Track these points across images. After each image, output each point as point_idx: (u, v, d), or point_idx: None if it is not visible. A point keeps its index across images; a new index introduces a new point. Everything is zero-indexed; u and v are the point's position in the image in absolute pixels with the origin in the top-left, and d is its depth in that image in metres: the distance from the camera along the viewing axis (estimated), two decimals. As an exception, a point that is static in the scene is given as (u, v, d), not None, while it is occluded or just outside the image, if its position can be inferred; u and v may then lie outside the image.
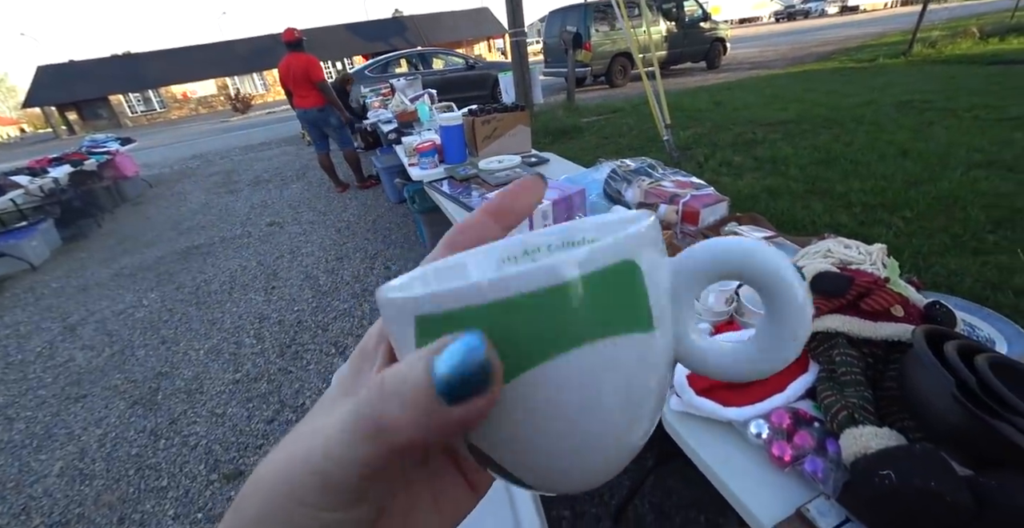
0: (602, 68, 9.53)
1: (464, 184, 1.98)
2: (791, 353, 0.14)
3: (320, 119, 4.34)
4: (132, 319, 2.84)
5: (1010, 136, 3.51)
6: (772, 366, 0.14)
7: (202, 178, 6.49)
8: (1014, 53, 7.00)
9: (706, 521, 1.22)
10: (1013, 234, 2.26)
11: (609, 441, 0.14)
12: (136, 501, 1.60)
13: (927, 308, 0.78)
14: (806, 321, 0.14)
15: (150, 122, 24.38)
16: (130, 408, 2.06)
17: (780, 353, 0.14)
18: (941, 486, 0.50)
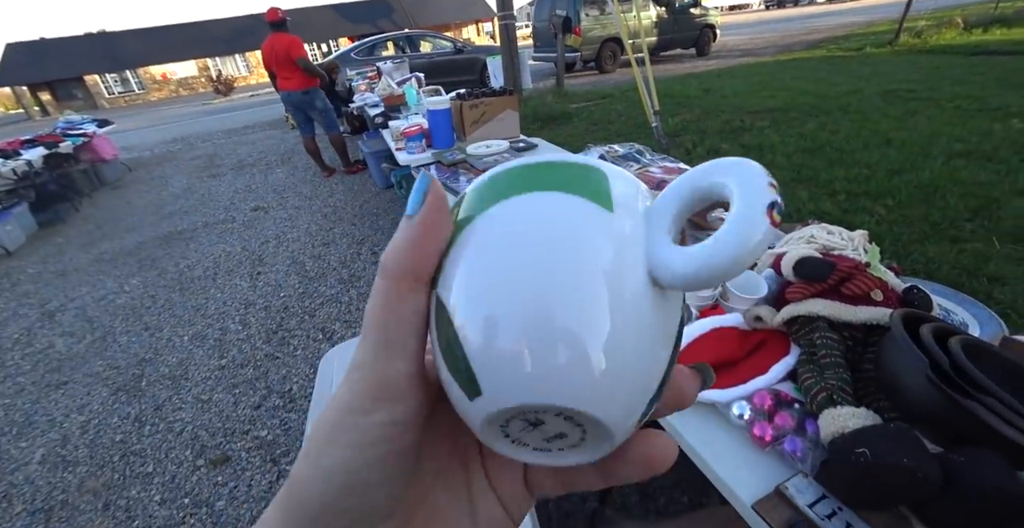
0: (592, 53, 9.44)
1: (452, 169, 1.97)
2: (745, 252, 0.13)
3: (305, 102, 4.25)
4: (113, 305, 2.80)
5: (990, 127, 3.57)
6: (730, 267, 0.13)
7: (184, 162, 6.34)
8: (996, 44, 7.09)
9: (689, 501, 1.25)
10: (989, 223, 2.32)
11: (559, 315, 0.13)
12: (121, 487, 1.59)
13: (905, 293, 0.80)
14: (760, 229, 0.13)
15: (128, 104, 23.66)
16: (113, 395, 2.04)
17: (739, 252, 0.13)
18: (913, 462, 0.52)
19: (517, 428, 0.15)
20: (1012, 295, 1.82)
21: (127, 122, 11.54)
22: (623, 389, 0.14)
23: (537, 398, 0.13)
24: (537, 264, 0.14)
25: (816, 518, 0.57)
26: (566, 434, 0.15)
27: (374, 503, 0.15)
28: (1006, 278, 1.91)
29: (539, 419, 0.15)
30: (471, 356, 0.14)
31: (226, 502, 1.49)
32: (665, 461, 0.17)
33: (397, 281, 0.15)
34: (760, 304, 0.87)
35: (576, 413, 0.14)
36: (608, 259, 0.14)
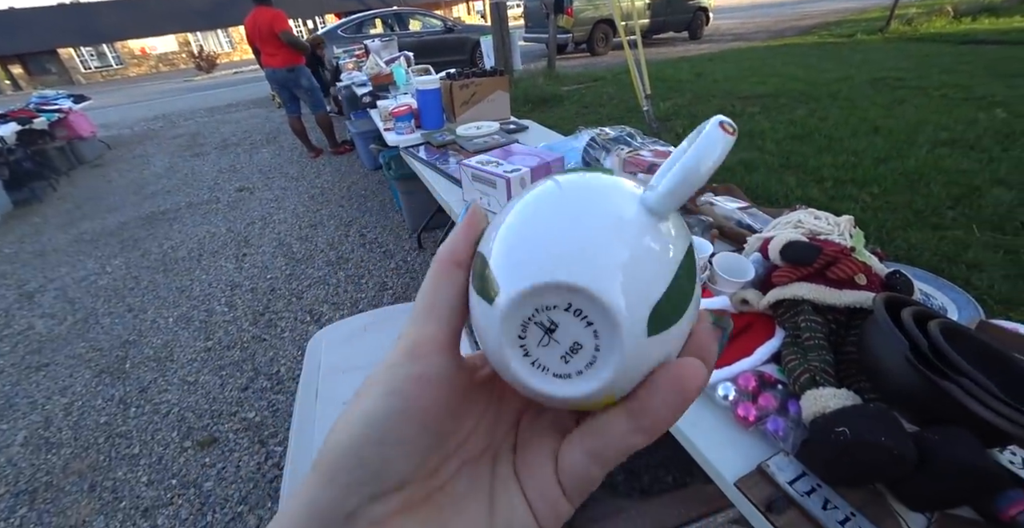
0: (584, 35, 9.30)
1: (441, 150, 1.94)
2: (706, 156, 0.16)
3: (290, 80, 4.13)
4: (95, 286, 2.74)
5: (975, 116, 3.61)
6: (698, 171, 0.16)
7: (165, 140, 6.17)
8: (984, 33, 7.12)
9: (673, 480, 1.28)
10: (970, 211, 2.36)
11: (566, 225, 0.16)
12: (107, 469, 1.59)
13: (888, 277, 0.82)
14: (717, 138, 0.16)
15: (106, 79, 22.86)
16: (97, 377, 2.01)
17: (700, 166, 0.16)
18: (891, 441, 0.53)
19: (535, 339, 0.16)
20: (989, 281, 1.86)
21: (105, 98, 11.16)
22: (625, 276, 0.15)
23: (545, 277, 0.15)
24: (550, 202, 0.17)
25: (795, 495, 0.59)
26: (581, 345, 0.16)
27: (391, 460, 0.16)
28: (983, 265, 1.96)
29: (552, 321, 0.16)
30: (494, 266, 0.16)
31: (214, 483, 1.49)
32: (697, 378, 0.16)
33: (439, 265, 0.18)
34: (747, 287, 0.88)
35: (580, 290, 0.15)
36: (607, 194, 0.17)
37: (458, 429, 0.19)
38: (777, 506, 0.59)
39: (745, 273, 0.90)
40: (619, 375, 0.16)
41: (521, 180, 1.31)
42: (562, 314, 0.16)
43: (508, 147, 1.60)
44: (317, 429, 1.08)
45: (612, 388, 0.16)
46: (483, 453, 0.19)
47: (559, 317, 0.16)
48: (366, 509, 0.16)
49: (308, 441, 1.06)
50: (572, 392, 0.16)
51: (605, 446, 0.17)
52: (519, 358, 0.16)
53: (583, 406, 0.17)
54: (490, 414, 0.20)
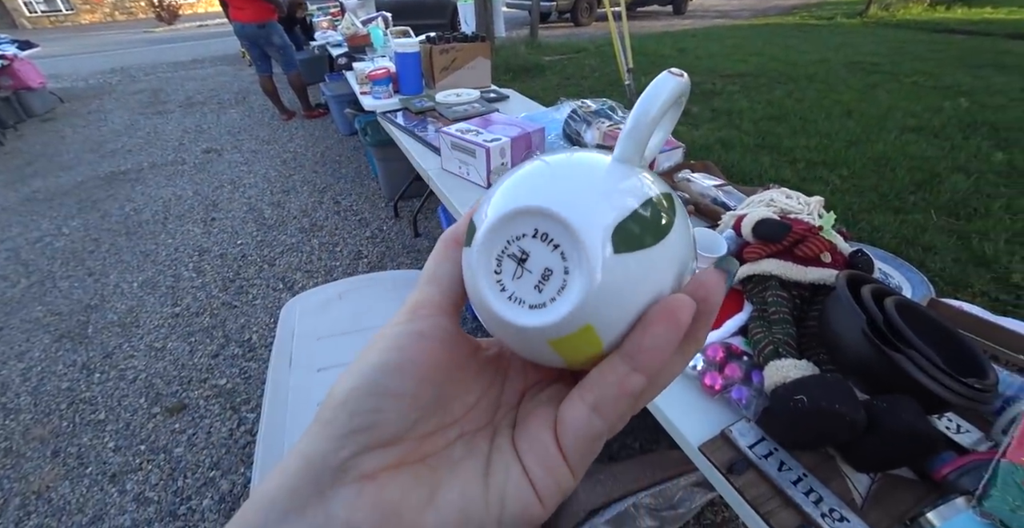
0: (568, 4, 9.05)
1: (420, 117, 1.89)
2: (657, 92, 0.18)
3: (261, 36, 3.89)
4: (51, 248, 2.62)
5: (941, 104, 3.72)
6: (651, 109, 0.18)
7: (124, 96, 5.80)
8: (956, 23, 7.27)
9: (640, 447, 1.35)
10: (929, 196, 2.47)
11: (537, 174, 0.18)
12: (71, 434, 1.56)
13: (851, 256, 0.85)
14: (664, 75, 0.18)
15: (54, 25, 21.13)
16: (56, 342, 1.95)
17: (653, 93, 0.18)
18: (844, 408, 0.57)
19: (509, 272, 0.17)
20: (941, 264, 1.97)
21: (54, 46, 10.33)
22: (583, 201, 0.16)
23: (511, 205, 0.17)
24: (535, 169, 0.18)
25: (754, 458, 0.63)
26: (551, 270, 0.16)
27: (384, 410, 0.17)
28: (937, 248, 2.06)
29: (523, 251, 0.17)
30: (476, 220, 0.18)
31: (184, 448, 1.49)
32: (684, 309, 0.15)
33: (442, 243, 0.21)
34: (723, 262, 0.91)
35: (541, 213, 0.16)
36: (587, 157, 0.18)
37: (458, 400, 0.19)
38: (737, 468, 0.63)
39: (718, 249, 0.93)
40: (589, 294, 0.15)
41: (501, 150, 1.29)
42: (531, 241, 0.16)
43: (488, 116, 1.58)
44: (291, 395, 1.09)
45: (586, 311, 0.15)
46: (483, 428, 0.20)
47: (528, 245, 0.17)
48: (357, 460, 0.16)
49: (282, 407, 1.07)
50: (547, 319, 0.16)
51: (605, 393, 0.16)
52: (496, 293, 0.17)
53: (568, 345, 0.16)
54: (493, 393, 0.21)
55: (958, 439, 0.64)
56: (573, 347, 0.17)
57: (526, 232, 0.16)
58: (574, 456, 0.17)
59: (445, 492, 0.17)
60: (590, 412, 0.16)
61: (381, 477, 0.16)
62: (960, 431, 0.66)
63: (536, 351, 0.18)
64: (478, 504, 0.17)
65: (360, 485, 0.16)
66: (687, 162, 1.38)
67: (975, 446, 0.64)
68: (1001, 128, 3.20)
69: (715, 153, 3.05)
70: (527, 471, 0.17)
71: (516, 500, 0.17)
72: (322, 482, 0.16)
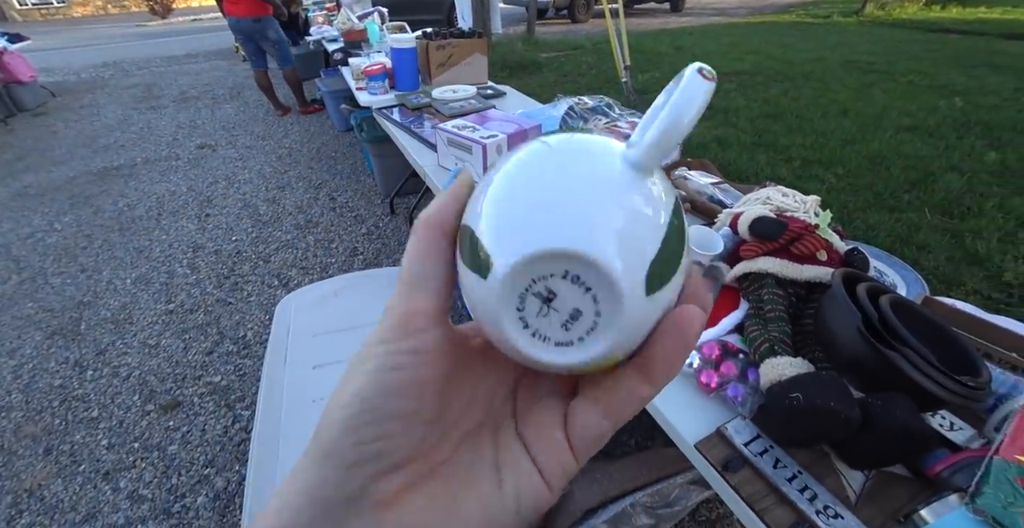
0: (565, 1, 9.03)
1: (416, 113, 1.88)
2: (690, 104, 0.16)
3: (256, 31, 3.85)
4: (43, 245, 2.59)
5: (935, 103, 3.74)
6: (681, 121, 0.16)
7: (117, 90, 5.74)
8: (951, 22, 7.30)
9: (636, 444, 1.35)
10: (924, 195, 2.48)
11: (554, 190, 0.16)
12: (64, 432, 1.55)
13: (846, 254, 0.86)
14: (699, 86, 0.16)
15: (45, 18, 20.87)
16: (48, 339, 1.93)
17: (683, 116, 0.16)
18: (839, 406, 0.57)
19: (533, 310, 0.16)
20: (935, 262, 1.98)
21: (45, 39, 10.21)
22: (620, 239, 0.15)
23: (538, 246, 0.15)
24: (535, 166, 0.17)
25: (750, 455, 0.63)
26: (581, 311, 0.15)
27: (391, 437, 0.16)
28: (931, 247, 2.08)
29: (550, 290, 0.15)
30: (483, 237, 0.16)
31: (179, 446, 1.48)
32: (694, 322, 0.16)
33: (424, 233, 0.18)
34: (716, 260, 0.91)
35: (576, 257, 0.15)
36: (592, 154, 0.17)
37: (455, 401, 0.19)
38: (732, 466, 0.63)
39: (715, 246, 0.93)
40: (622, 337, 0.15)
41: (498, 147, 1.29)
42: (559, 282, 0.15)
43: (485, 112, 1.57)
44: (286, 392, 1.08)
45: (616, 350, 0.16)
46: (482, 423, 0.19)
47: (557, 285, 0.15)
48: (368, 489, 0.15)
49: (277, 404, 1.06)
50: (576, 359, 0.16)
51: (617, 401, 0.17)
52: (519, 330, 0.16)
53: (587, 370, 0.17)
54: (485, 384, 0.20)
55: (951, 436, 0.65)
56: (589, 371, 0.17)
57: (555, 272, 0.15)
58: (582, 450, 0.18)
59: (464, 503, 0.17)
60: (601, 417, 0.17)
61: (397, 501, 0.16)
62: (953, 428, 0.66)
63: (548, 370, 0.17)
64: (497, 507, 0.17)
65: (379, 514, 0.15)
66: (684, 160, 1.38)
67: (968, 443, 0.64)
68: (994, 128, 3.22)
69: (712, 151, 3.05)
70: (536, 462, 0.18)
71: (529, 492, 0.17)
72: (336, 515, 0.15)
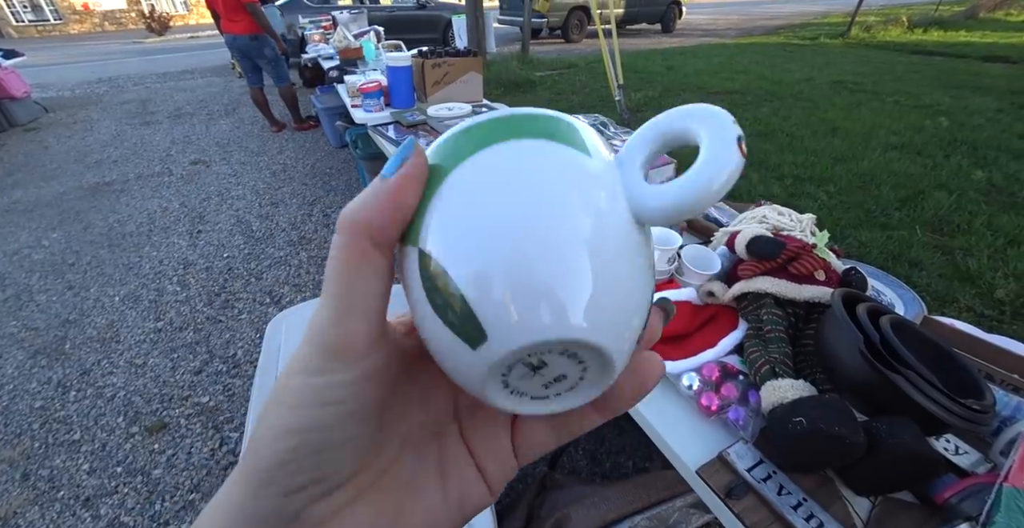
0: (559, 21, 9.21)
1: (412, 130, 1.89)
2: (720, 180, 0.14)
3: (253, 49, 3.89)
4: (29, 261, 2.55)
5: (922, 123, 3.82)
6: (707, 196, 0.14)
7: (112, 106, 5.74)
8: (933, 45, 7.51)
9: (633, 465, 1.32)
10: (914, 212, 2.51)
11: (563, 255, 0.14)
12: (43, 456, 1.49)
13: (844, 273, 0.85)
14: (733, 160, 0.14)
15: (42, 35, 20.98)
16: (31, 358, 1.88)
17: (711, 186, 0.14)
18: (844, 430, 0.56)
19: (518, 375, 0.15)
20: (928, 279, 1.99)
21: (41, 55, 10.25)
22: (621, 317, 0.15)
23: (545, 335, 0.13)
24: (533, 208, 0.14)
25: (753, 481, 0.61)
26: (566, 375, 0.15)
27: (334, 462, 0.15)
28: (924, 263, 2.09)
29: (542, 361, 0.15)
30: (473, 303, 0.14)
31: (163, 470, 1.43)
32: (654, 373, 0.17)
33: (359, 238, 0.14)
34: (713, 280, 0.90)
35: (583, 344, 0.14)
36: (595, 200, 0.15)
37: (395, 415, 0.18)
38: (736, 492, 0.61)
39: (712, 266, 0.93)
40: (599, 395, 0.16)
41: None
42: (555, 356, 0.15)
43: (481, 131, 1.57)
44: (276, 415, 1.05)
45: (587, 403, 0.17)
46: (423, 424, 0.19)
47: (551, 358, 0.15)
48: (310, 510, 0.15)
49: (266, 427, 1.03)
50: (546, 409, 0.16)
51: (569, 424, 0.18)
52: (499, 390, 0.15)
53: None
54: (422, 384, 0.19)
55: (957, 461, 0.64)
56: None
57: (552, 349, 0.14)
58: (525, 458, 0.19)
59: (408, 511, 0.17)
60: (552, 433, 0.18)
61: (339, 517, 0.15)
62: (959, 452, 0.65)
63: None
64: (441, 513, 0.17)
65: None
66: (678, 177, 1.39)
67: (974, 467, 0.63)
68: (980, 147, 3.28)
69: (704, 169, 3.08)
70: (481, 469, 0.18)
71: (473, 497, 0.18)
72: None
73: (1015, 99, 4.40)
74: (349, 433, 0.15)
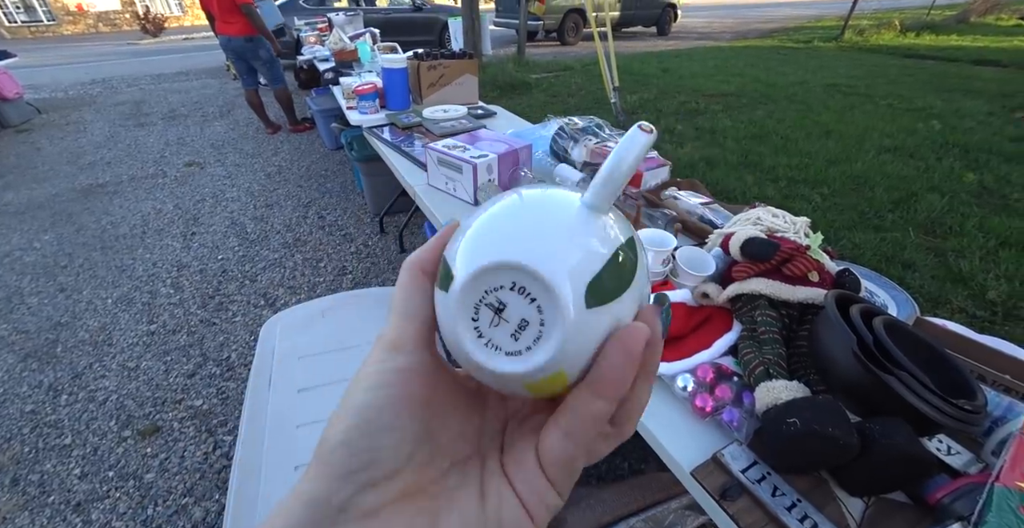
0: (555, 23, 9.25)
1: (407, 132, 1.89)
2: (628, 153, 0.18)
3: (248, 50, 3.87)
4: (20, 263, 2.53)
5: (914, 126, 3.85)
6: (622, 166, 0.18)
7: (105, 107, 5.71)
8: (926, 49, 7.59)
9: (629, 467, 1.32)
10: (907, 214, 2.53)
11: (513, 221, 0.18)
12: (33, 461, 1.48)
13: (838, 275, 0.86)
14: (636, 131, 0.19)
15: (35, 36, 20.86)
16: (22, 362, 1.86)
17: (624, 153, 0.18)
18: (837, 432, 0.56)
19: (486, 320, 0.18)
20: (920, 281, 2.00)
21: (33, 56, 10.19)
22: (561, 257, 0.17)
23: (490, 259, 0.17)
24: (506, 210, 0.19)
25: (748, 482, 0.62)
26: (528, 321, 0.17)
27: (381, 448, 0.17)
28: (916, 265, 2.10)
29: (500, 300, 0.17)
30: (452, 262, 0.18)
31: (156, 474, 1.42)
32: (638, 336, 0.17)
33: (408, 273, 0.20)
34: (707, 282, 0.90)
35: (521, 269, 0.17)
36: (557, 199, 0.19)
37: (444, 427, 0.20)
38: (730, 494, 0.61)
39: (706, 267, 0.93)
40: (564, 345, 0.17)
41: (488, 166, 1.29)
42: (508, 293, 0.17)
43: (475, 132, 1.58)
44: (270, 418, 1.05)
45: (560, 359, 0.17)
46: (471, 456, 0.21)
47: (506, 297, 0.17)
48: (358, 498, 0.17)
49: (260, 430, 1.02)
50: (523, 367, 0.17)
51: (574, 420, 0.18)
52: (473, 340, 0.18)
53: (539, 386, 0.18)
54: (476, 421, 0.22)
55: (949, 461, 0.64)
56: (543, 387, 0.18)
57: (504, 284, 0.17)
58: (557, 479, 0.18)
59: (445, 518, 0.18)
60: (564, 438, 0.18)
61: (384, 513, 0.17)
62: (951, 453, 0.65)
63: (508, 388, 0.19)
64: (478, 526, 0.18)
65: (364, 523, 0.16)
66: (673, 180, 1.39)
67: (966, 468, 0.63)
68: (971, 149, 3.32)
69: (699, 171, 3.10)
70: (519, 495, 0.18)
71: (511, 521, 0.18)
72: (324, 524, 0.16)
73: (1006, 102, 4.45)
74: (396, 421, 0.18)
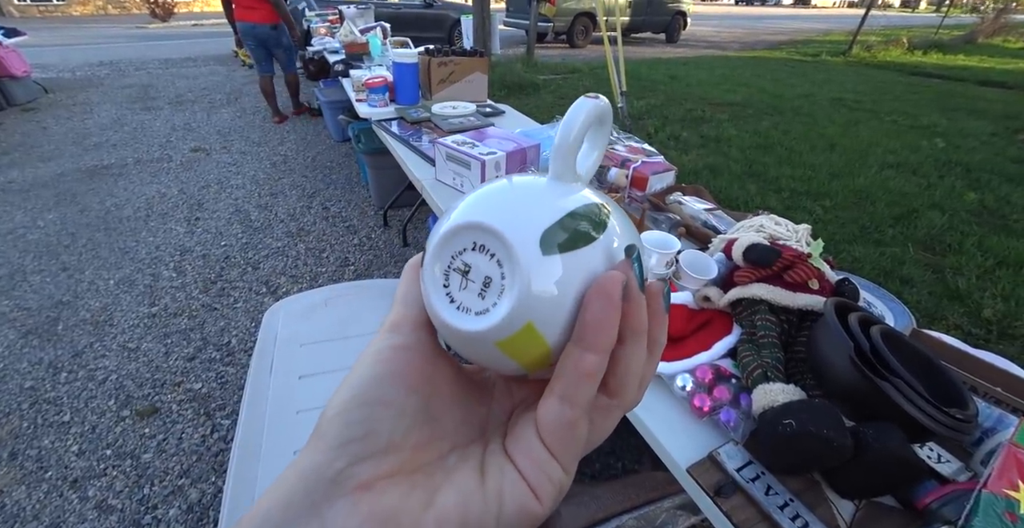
0: (564, 26, 9.26)
1: (415, 127, 1.90)
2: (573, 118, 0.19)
3: (271, 38, 3.89)
4: (24, 241, 2.53)
5: (918, 143, 3.88)
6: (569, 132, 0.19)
7: (112, 90, 5.70)
8: (932, 67, 7.64)
9: (623, 467, 1.34)
10: (907, 230, 2.55)
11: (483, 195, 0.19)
12: (31, 436, 1.49)
13: (837, 284, 0.87)
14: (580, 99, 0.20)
15: (44, 15, 20.77)
16: (22, 338, 1.87)
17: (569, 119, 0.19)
18: (831, 433, 0.58)
19: (456, 285, 0.19)
20: (918, 296, 2.03)
21: (42, 36, 10.15)
22: (513, 212, 0.18)
23: (455, 222, 0.18)
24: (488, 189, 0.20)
25: (742, 481, 0.63)
26: (491, 278, 0.18)
27: (376, 420, 0.17)
28: (914, 281, 2.13)
29: (466, 263, 0.18)
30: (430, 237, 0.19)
31: (153, 454, 1.43)
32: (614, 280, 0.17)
33: (409, 269, 0.22)
34: (709, 285, 0.92)
35: (477, 227, 0.18)
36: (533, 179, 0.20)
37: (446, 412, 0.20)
38: (724, 491, 0.63)
39: (709, 271, 0.94)
40: (524, 293, 0.17)
41: (496, 163, 1.30)
42: (471, 254, 0.18)
43: (483, 130, 1.59)
44: (270, 403, 1.06)
45: (524, 310, 0.17)
46: (474, 441, 0.20)
47: (470, 258, 0.18)
48: (352, 470, 0.16)
49: (260, 414, 1.04)
50: (490, 322, 0.17)
51: (567, 380, 0.17)
52: (446, 305, 0.19)
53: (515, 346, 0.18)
54: (481, 411, 0.22)
55: (939, 468, 0.66)
56: (519, 347, 0.18)
57: (467, 246, 0.18)
58: (558, 449, 0.18)
59: (443, 494, 0.17)
60: (559, 402, 0.17)
61: (378, 486, 0.16)
62: (941, 461, 0.67)
63: (489, 357, 0.19)
64: (476, 502, 0.17)
65: (356, 495, 0.16)
66: (678, 185, 1.41)
67: (955, 476, 0.65)
68: (973, 169, 3.34)
69: (704, 178, 3.12)
70: (519, 469, 0.18)
71: (513, 497, 0.17)
72: (316, 495, 0.16)
73: (1009, 124, 4.49)
74: (391, 394, 0.18)
